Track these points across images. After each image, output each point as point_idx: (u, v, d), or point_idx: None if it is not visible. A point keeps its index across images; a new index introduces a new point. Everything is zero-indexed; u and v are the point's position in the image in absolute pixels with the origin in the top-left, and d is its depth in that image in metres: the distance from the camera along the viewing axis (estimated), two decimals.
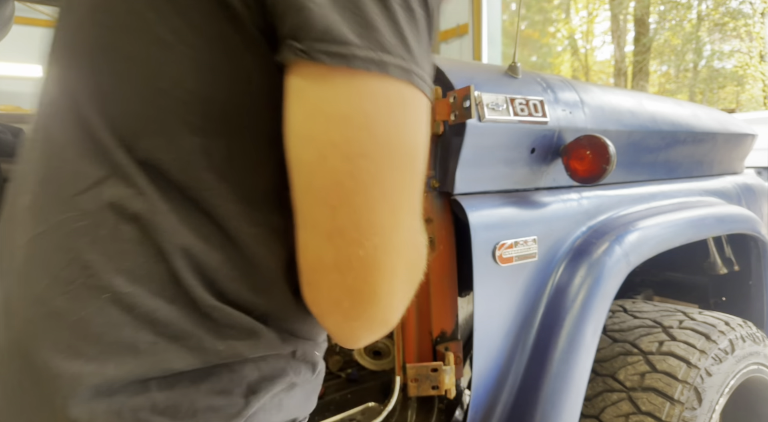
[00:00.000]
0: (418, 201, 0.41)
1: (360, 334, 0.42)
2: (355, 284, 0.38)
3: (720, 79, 11.79)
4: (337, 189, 0.36)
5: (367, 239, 0.37)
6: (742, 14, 11.00)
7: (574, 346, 1.09)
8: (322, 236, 0.37)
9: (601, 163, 1.09)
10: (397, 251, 0.39)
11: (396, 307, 0.41)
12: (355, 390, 1.42)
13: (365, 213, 0.36)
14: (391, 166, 0.36)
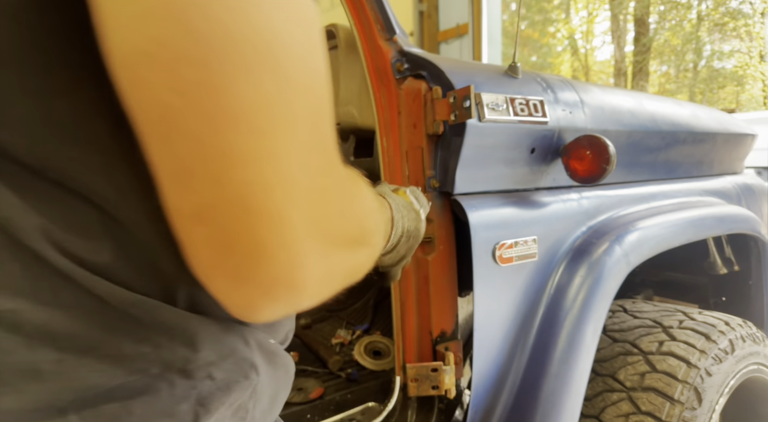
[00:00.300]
0: (323, 131, 0.32)
1: (258, 302, 0.33)
2: (229, 237, 0.29)
3: (720, 79, 11.80)
4: (163, 113, 0.27)
5: (227, 176, 0.27)
6: (742, 14, 11.01)
7: (574, 346, 1.09)
8: (170, 180, 0.29)
9: (601, 163, 1.09)
10: (286, 189, 0.29)
11: (304, 265, 0.32)
12: (355, 390, 1.41)
13: (211, 140, 0.27)
14: (239, 71, 0.26)
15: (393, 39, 1.08)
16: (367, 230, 0.41)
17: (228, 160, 0.27)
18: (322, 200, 0.32)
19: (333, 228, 0.34)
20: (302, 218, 0.31)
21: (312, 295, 0.35)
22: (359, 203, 0.39)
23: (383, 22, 1.08)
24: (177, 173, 0.28)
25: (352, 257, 0.39)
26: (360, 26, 1.09)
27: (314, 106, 0.31)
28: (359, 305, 2.08)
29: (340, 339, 1.80)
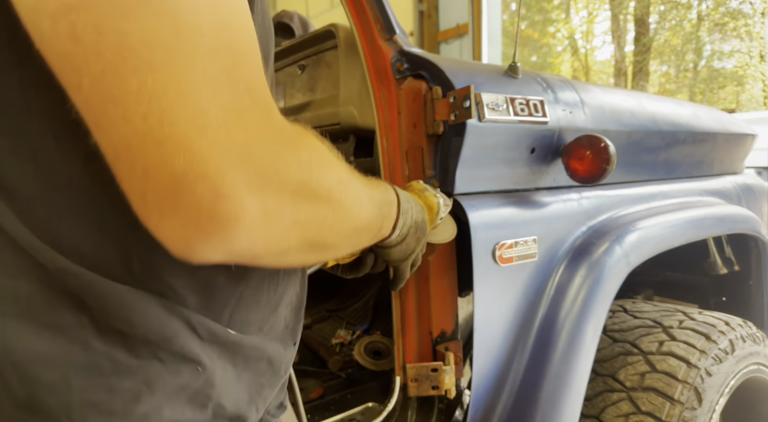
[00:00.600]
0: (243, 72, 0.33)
1: (190, 237, 0.33)
2: (147, 171, 0.31)
3: (720, 79, 11.80)
4: (66, 61, 0.29)
5: (132, 112, 0.29)
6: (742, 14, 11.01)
7: (574, 346, 1.09)
8: (92, 126, 0.31)
9: (601, 163, 1.09)
10: (194, 121, 0.30)
11: (229, 196, 0.32)
12: (355, 391, 1.41)
13: (111, 80, 0.29)
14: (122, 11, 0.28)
15: (393, 39, 1.08)
16: (322, 185, 0.40)
17: (130, 97, 0.29)
18: (246, 136, 0.33)
19: (267, 168, 0.34)
20: (221, 151, 0.31)
21: (249, 233, 0.35)
22: (307, 153, 0.39)
23: (383, 22, 1.08)
24: (94, 119, 0.31)
25: (307, 209, 0.39)
26: (360, 26, 1.09)
27: (226, 46, 0.32)
28: (359, 305, 2.08)
29: (340, 339, 1.80)
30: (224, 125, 0.32)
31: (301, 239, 0.40)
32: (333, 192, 0.42)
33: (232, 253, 0.36)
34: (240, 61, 0.33)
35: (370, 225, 0.53)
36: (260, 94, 0.35)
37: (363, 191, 0.49)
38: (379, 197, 0.55)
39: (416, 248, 0.73)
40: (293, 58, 1.66)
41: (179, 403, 0.43)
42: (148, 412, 0.41)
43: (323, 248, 0.45)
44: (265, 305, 0.52)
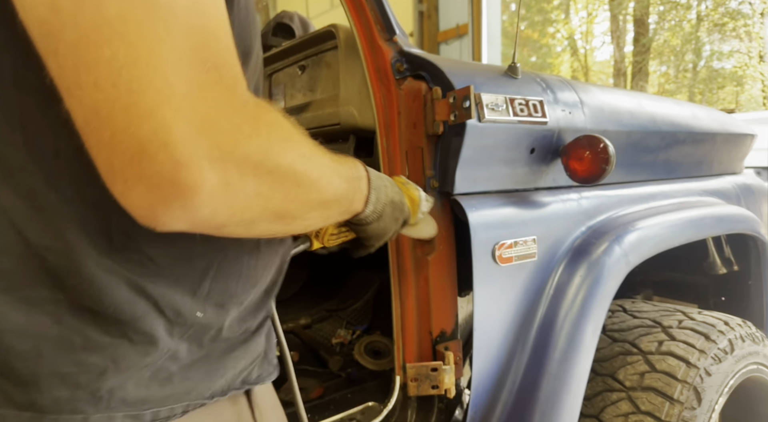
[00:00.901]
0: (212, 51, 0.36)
1: (154, 204, 0.35)
2: (114, 137, 0.33)
3: (719, 79, 11.80)
4: (45, 29, 0.31)
5: (103, 79, 0.31)
6: (741, 15, 11.01)
7: (574, 346, 1.09)
8: (65, 95, 0.33)
9: (601, 163, 1.09)
10: (161, 92, 0.32)
11: (189, 165, 0.34)
12: (355, 390, 1.42)
13: (86, 49, 0.31)
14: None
15: (393, 39, 1.08)
16: (283, 158, 0.42)
17: (103, 65, 0.31)
18: (208, 110, 0.35)
19: (227, 141, 0.36)
20: (184, 121, 0.33)
21: (210, 202, 0.36)
22: (268, 128, 0.40)
23: (383, 22, 1.08)
24: (67, 86, 0.33)
25: (268, 181, 0.40)
26: (360, 27, 1.10)
27: (197, 27, 0.35)
28: (359, 305, 2.08)
29: (340, 338, 1.80)
30: (188, 97, 0.34)
31: (264, 210, 0.42)
32: (295, 165, 0.43)
33: (195, 221, 0.38)
34: (210, 41, 0.36)
35: (338, 198, 0.54)
36: (227, 72, 0.37)
37: (329, 165, 0.50)
38: (347, 172, 0.56)
39: (393, 228, 0.73)
40: (293, 58, 1.67)
41: (143, 380, 0.45)
42: (113, 387, 0.43)
43: (290, 218, 0.47)
44: (245, 279, 0.54)
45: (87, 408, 0.43)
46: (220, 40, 0.37)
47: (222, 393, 0.54)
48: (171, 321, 0.47)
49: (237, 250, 0.52)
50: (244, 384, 0.57)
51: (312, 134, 0.52)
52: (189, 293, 0.49)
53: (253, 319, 0.57)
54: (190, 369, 0.49)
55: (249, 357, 0.57)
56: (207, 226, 0.40)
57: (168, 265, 0.46)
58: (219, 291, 0.51)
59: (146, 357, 0.45)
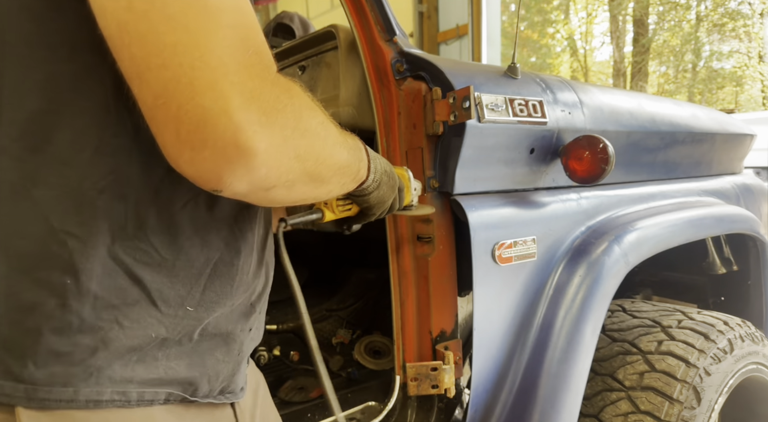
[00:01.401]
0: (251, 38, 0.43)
1: (219, 167, 0.41)
2: (181, 109, 0.39)
3: (719, 79, 11.81)
4: (121, 26, 0.39)
5: (170, 61, 0.38)
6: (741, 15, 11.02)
7: (573, 345, 1.09)
8: (135, 81, 0.40)
9: (600, 163, 1.09)
10: (217, 68, 0.40)
11: (245, 128, 0.40)
12: (356, 390, 1.42)
13: (155, 37, 0.38)
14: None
15: (393, 40, 1.09)
16: (311, 123, 0.48)
17: (169, 49, 0.39)
18: (254, 84, 0.42)
19: (271, 108, 0.43)
20: (237, 92, 0.40)
21: (265, 163, 0.43)
22: (298, 98, 0.47)
23: (383, 23, 1.08)
24: (138, 72, 0.40)
25: (303, 143, 0.47)
26: (360, 27, 1.10)
27: (240, 23, 0.43)
28: (359, 305, 2.08)
29: (341, 338, 1.80)
30: (239, 73, 0.41)
31: (302, 172, 0.49)
32: (320, 130, 0.50)
33: (253, 181, 0.44)
34: (250, 33, 0.44)
35: (350, 164, 0.61)
36: (264, 56, 0.45)
37: (339, 134, 0.57)
38: (351, 142, 0.63)
39: (391, 196, 0.79)
40: (293, 58, 1.67)
41: (131, 363, 0.50)
42: (102, 366, 0.48)
43: (319, 181, 0.54)
44: (238, 283, 0.58)
45: (78, 382, 0.47)
46: (257, 31, 0.45)
47: (203, 395, 0.57)
48: (162, 311, 0.51)
49: (233, 253, 0.57)
50: (224, 394, 0.61)
51: None
52: (184, 286, 0.53)
53: (237, 324, 0.61)
54: (175, 359, 0.54)
55: (230, 362, 0.60)
56: (261, 187, 0.45)
57: (170, 257, 0.51)
58: (212, 290, 0.55)
59: (134, 341, 0.50)
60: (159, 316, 0.51)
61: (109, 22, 0.40)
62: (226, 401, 0.61)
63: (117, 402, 0.49)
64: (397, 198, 0.82)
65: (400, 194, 0.83)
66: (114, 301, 0.48)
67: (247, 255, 0.59)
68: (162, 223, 0.50)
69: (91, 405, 0.48)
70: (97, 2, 0.40)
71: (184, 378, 0.54)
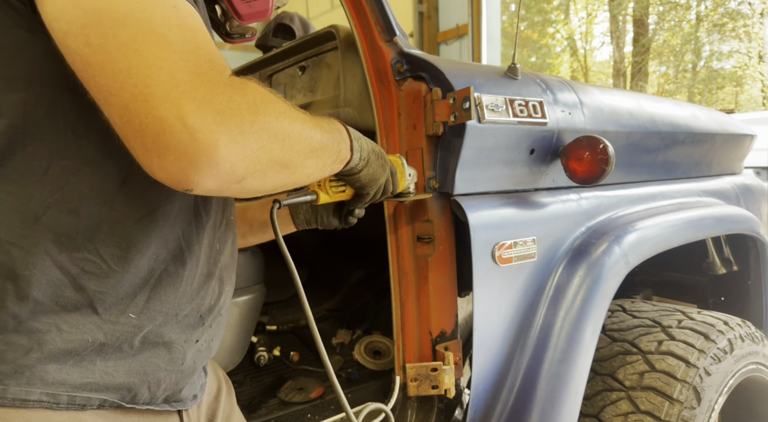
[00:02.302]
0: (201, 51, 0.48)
1: (186, 170, 0.45)
2: (143, 122, 0.44)
3: (719, 79, 11.81)
4: (85, 60, 0.44)
5: (128, 82, 0.43)
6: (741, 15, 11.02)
7: (574, 346, 1.09)
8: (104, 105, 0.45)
9: (600, 164, 1.09)
10: (169, 81, 0.44)
11: (201, 130, 0.44)
12: (356, 390, 1.42)
13: (114, 65, 0.43)
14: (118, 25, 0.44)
15: (393, 40, 1.09)
16: (269, 114, 0.51)
17: (124, 72, 0.43)
18: (206, 89, 0.46)
19: (224, 108, 0.46)
20: (188, 99, 0.44)
21: (227, 157, 0.46)
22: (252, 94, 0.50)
23: (383, 23, 1.08)
24: (104, 98, 0.45)
25: (264, 134, 0.50)
26: (360, 28, 1.10)
27: (188, 38, 0.47)
28: (359, 305, 2.08)
29: (341, 338, 1.80)
30: (190, 82, 0.45)
31: (270, 160, 0.52)
32: (280, 119, 0.53)
33: (221, 176, 0.47)
34: (199, 45, 0.48)
35: (325, 146, 0.63)
36: (216, 63, 0.49)
37: (308, 119, 0.60)
38: (327, 125, 0.66)
39: (383, 175, 0.81)
40: (294, 59, 1.67)
41: (66, 366, 0.52)
42: (34, 366, 0.50)
43: (293, 167, 0.57)
44: (182, 294, 0.61)
45: (8, 381, 0.49)
46: (206, 42, 0.49)
47: (143, 402, 0.59)
48: (102, 318, 0.54)
49: (178, 264, 0.60)
50: (169, 402, 0.62)
51: None
52: (128, 296, 0.56)
53: (182, 335, 0.62)
54: (114, 365, 0.55)
55: (173, 371, 0.61)
56: (230, 180, 0.49)
57: (119, 268, 0.54)
58: (156, 298, 0.58)
59: (70, 345, 0.52)
60: (99, 322, 0.54)
61: (74, 58, 0.45)
62: (171, 409, 0.63)
63: (45, 404, 0.50)
64: (390, 180, 0.84)
65: (393, 178, 0.85)
66: (54, 308, 0.51)
67: (193, 267, 0.62)
68: (114, 236, 0.54)
69: (17, 404, 0.49)
70: (62, 42, 0.45)
71: (122, 383, 0.56)
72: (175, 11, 0.48)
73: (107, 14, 0.44)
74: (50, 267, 0.51)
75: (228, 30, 0.87)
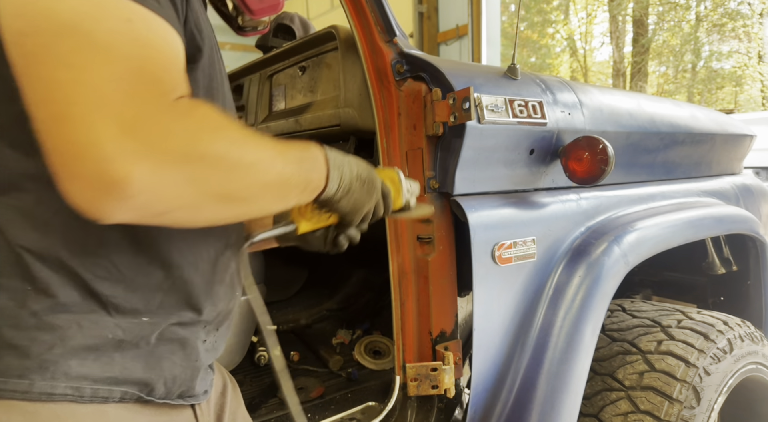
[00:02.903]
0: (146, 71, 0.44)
1: (96, 198, 0.42)
2: (56, 142, 0.41)
3: (718, 79, 11.80)
4: (20, 69, 0.42)
5: (49, 97, 0.41)
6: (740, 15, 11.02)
7: (573, 345, 1.10)
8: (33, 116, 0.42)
9: (600, 164, 1.09)
10: (91, 102, 0.41)
11: (116, 159, 0.41)
12: (356, 390, 1.42)
13: (40, 77, 0.41)
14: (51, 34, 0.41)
15: (393, 41, 1.09)
16: (212, 146, 0.47)
17: (52, 86, 0.41)
18: (139, 113, 0.42)
19: (153, 137, 0.43)
20: (111, 123, 0.41)
21: (143, 191, 0.42)
22: (196, 122, 0.47)
23: (383, 23, 1.08)
24: (31, 110, 0.42)
25: (199, 168, 0.46)
26: (360, 28, 1.10)
27: (136, 53, 0.44)
28: (359, 305, 2.08)
29: (341, 338, 1.80)
30: (120, 103, 0.41)
31: (202, 194, 0.48)
32: (227, 150, 0.48)
33: (134, 210, 0.44)
34: (147, 63, 0.44)
35: (289, 177, 0.57)
36: (163, 84, 0.45)
37: (268, 149, 0.55)
38: (296, 153, 0.59)
39: (368, 201, 0.73)
40: (294, 59, 1.67)
41: (87, 361, 0.52)
42: (58, 361, 0.50)
43: (238, 201, 0.52)
44: (197, 298, 0.61)
45: (34, 375, 0.49)
46: (156, 60, 0.45)
47: (160, 397, 0.59)
48: (119, 319, 0.54)
49: (191, 270, 0.60)
50: (183, 397, 0.63)
51: (312, 135, 0.54)
52: (141, 301, 0.55)
53: (196, 333, 0.62)
54: (132, 360, 0.56)
55: (188, 368, 0.62)
56: (149, 213, 0.45)
57: (129, 274, 0.54)
58: (169, 302, 0.58)
59: (90, 341, 0.52)
60: (116, 321, 0.54)
61: (16, 69, 0.42)
62: (185, 403, 0.63)
63: (70, 397, 0.51)
64: (382, 203, 0.76)
65: (386, 200, 0.77)
66: (73, 308, 0.51)
67: (205, 273, 0.62)
68: (125, 241, 0.53)
69: (44, 398, 0.50)
70: (10, 53, 0.43)
71: (140, 378, 0.57)
72: (127, 25, 0.44)
73: (48, 24, 0.41)
74: (63, 272, 0.51)
75: (240, 24, 0.83)
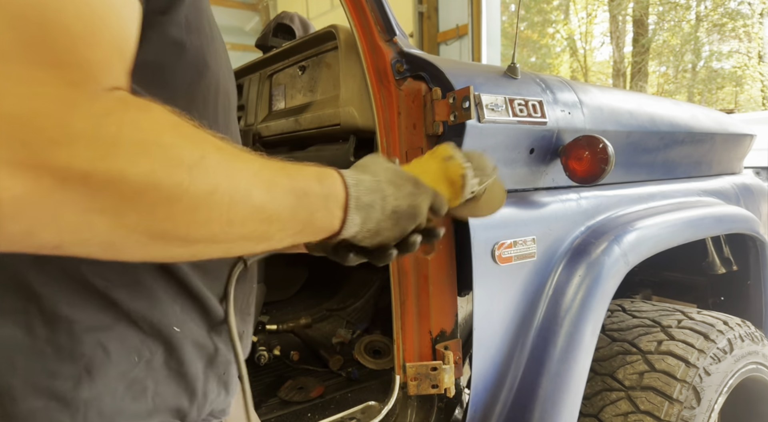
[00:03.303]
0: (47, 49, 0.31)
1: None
2: None
3: (718, 79, 11.81)
4: None
5: None
6: (740, 15, 11.03)
7: (573, 345, 1.09)
8: None
9: (600, 163, 1.09)
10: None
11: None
12: (356, 389, 1.42)
13: None
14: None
15: (393, 40, 1.09)
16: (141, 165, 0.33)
17: None
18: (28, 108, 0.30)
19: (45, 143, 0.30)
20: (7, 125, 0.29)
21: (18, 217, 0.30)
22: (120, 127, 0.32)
23: (383, 23, 1.08)
24: None
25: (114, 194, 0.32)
26: (360, 27, 1.10)
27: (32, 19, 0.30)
28: (359, 305, 2.08)
29: (341, 338, 1.80)
30: (18, 83, 0.29)
31: (118, 228, 0.34)
32: (161, 174, 0.34)
33: (8, 240, 0.31)
34: (51, 35, 0.31)
35: (271, 216, 0.42)
36: (76, 67, 0.32)
37: (249, 174, 0.40)
38: (295, 184, 0.45)
39: (399, 233, 0.57)
40: (294, 59, 1.67)
41: (119, 392, 0.45)
42: (89, 398, 0.42)
43: (183, 241, 0.38)
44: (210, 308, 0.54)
45: (63, 418, 0.41)
46: (69, 31, 0.32)
47: (192, 419, 0.54)
48: (145, 332, 0.47)
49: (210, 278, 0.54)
50: (214, 415, 0.58)
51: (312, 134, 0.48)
52: (164, 309, 0.48)
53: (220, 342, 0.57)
54: (163, 384, 0.49)
55: (218, 382, 0.57)
56: (30, 246, 0.32)
57: (149, 285, 0.47)
58: (191, 308, 0.52)
59: (119, 367, 0.44)
60: (143, 337, 0.46)
61: None
62: (216, 420, 0.59)
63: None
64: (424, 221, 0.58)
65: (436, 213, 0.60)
66: (93, 323, 0.43)
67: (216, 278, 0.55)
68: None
69: None
70: None
71: (174, 406, 0.51)
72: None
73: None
74: (71, 281, 0.42)
75: None
